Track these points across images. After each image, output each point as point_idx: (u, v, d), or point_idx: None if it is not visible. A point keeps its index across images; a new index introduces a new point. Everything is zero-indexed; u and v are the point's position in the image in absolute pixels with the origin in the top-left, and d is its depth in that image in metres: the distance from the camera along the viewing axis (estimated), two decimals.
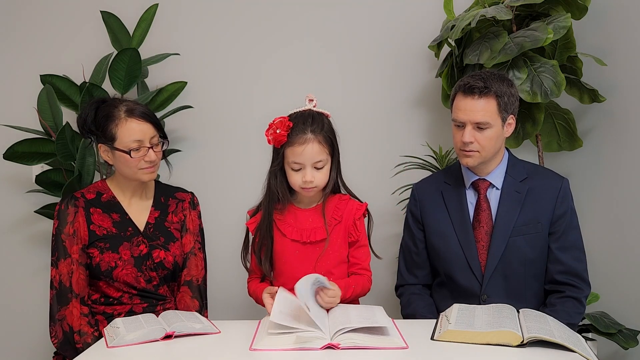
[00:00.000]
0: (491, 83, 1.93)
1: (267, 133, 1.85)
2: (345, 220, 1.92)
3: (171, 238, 2.04)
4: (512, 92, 1.98)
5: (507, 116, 1.97)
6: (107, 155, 1.97)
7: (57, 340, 1.92)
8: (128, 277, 1.94)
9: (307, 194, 1.89)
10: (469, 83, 1.94)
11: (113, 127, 1.92)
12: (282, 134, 1.82)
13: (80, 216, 1.96)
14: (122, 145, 1.92)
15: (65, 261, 1.93)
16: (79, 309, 1.91)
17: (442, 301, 2.05)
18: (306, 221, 1.91)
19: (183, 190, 2.15)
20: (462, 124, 1.96)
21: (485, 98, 1.93)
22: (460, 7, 2.51)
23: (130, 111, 1.93)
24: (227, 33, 2.82)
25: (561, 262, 1.99)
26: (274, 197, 1.90)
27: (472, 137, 1.94)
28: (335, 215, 1.91)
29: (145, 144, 1.93)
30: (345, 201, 1.94)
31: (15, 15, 2.84)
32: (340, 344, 1.53)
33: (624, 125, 2.48)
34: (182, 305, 2.03)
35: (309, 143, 1.81)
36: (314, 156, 1.82)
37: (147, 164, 1.95)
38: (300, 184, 1.85)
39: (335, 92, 2.76)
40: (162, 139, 2.00)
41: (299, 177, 1.85)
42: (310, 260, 1.89)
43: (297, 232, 1.90)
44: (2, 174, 2.84)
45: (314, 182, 1.84)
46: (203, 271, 2.09)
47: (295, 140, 1.82)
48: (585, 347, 1.56)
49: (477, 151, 1.96)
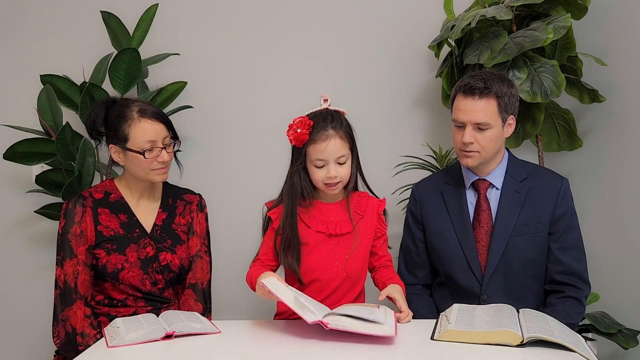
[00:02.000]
0: (491, 83, 1.93)
1: (287, 134, 1.85)
2: (368, 215, 1.96)
3: (178, 241, 2.02)
4: (513, 92, 1.98)
5: (507, 116, 1.97)
6: (118, 155, 1.95)
7: (59, 341, 1.91)
8: (134, 280, 1.93)
9: (331, 191, 1.89)
10: (469, 83, 1.94)
11: (126, 127, 1.90)
12: (303, 132, 1.82)
13: (88, 216, 1.94)
14: (135, 145, 1.90)
15: (70, 261, 1.91)
16: (82, 310, 1.90)
17: (442, 301, 2.06)
18: (330, 214, 1.93)
19: (191, 192, 2.13)
20: (462, 125, 1.96)
21: (485, 98, 1.93)
22: (460, 7, 2.51)
23: (143, 111, 1.92)
24: (227, 33, 2.82)
25: (561, 262, 1.99)
26: (298, 196, 1.91)
27: (473, 137, 1.94)
28: (358, 210, 1.95)
29: (158, 145, 1.92)
30: (366, 197, 1.99)
31: (15, 15, 2.84)
32: (329, 323, 1.59)
33: (624, 125, 2.48)
34: (185, 307, 2.02)
35: (331, 139, 1.83)
36: (337, 151, 1.84)
37: (160, 164, 1.94)
38: (324, 180, 1.86)
39: (335, 92, 2.73)
40: (173, 139, 1.99)
41: (322, 174, 1.86)
42: (337, 254, 1.90)
43: (322, 224, 1.92)
44: (2, 174, 2.84)
45: (338, 177, 1.86)
46: (208, 274, 2.08)
47: (317, 138, 1.83)
48: (585, 347, 1.56)
49: (477, 151, 1.96)
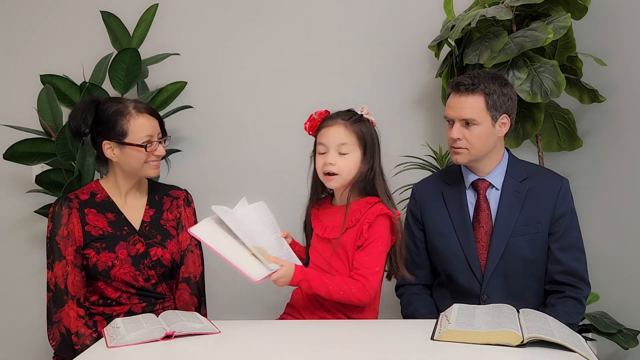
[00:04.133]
0: (480, 81, 1.95)
1: (305, 123, 1.88)
2: (360, 224, 1.84)
3: (167, 235, 2.04)
4: (505, 91, 1.97)
5: (499, 115, 1.96)
6: (112, 152, 1.96)
7: (55, 343, 1.92)
8: (126, 276, 1.94)
9: (328, 183, 1.87)
10: (458, 81, 1.97)
11: (124, 122, 1.93)
12: (317, 120, 1.85)
13: (75, 217, 1.95)
14: (135, 139, 1.93)
15: (60, 263, 1.93)
16: (75, 310, 1.91)
17: (442, 301, 2.05)
18: (330, 217, 1.92)
19: (177, 188, 2.16)
20: (452, 121, 1.98)
21: (472, 95, 1.94)
22: (460, 7, 2.51)
23: (138, 107, 1.97)
24: (228, 33, 2.82)
25: (561, 262, 1.99)
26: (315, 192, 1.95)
27: (460, 133, 1.95)
28: (353, 218, 1.85)
29: (155, 139, 1.97)
30: (370, 205, 1.85)
31: (15, 15, 2.84)
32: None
33: (624, 125, 2.48)
34: (181, 302, 2.04)
35: (335, 125, 1.83)
36: (338, 138, 1.82)
37: (156, 157, 1.98)
38: (322, 168, 1.85)
39: (335, 92, 2.76)
40: (164, 136, 2.04)
41: (322, 161, 1.85)
42: (324, 257, 1.90)
43: (319, 226, 1.93)
44: (2, 174, 2.84)
45: (335, 167, 1.82)
46: (200, 267, 2.10)
47: (324, 124, 1.85)
48: (585, 347, 1.56)
49: (465, 148, 1.97)
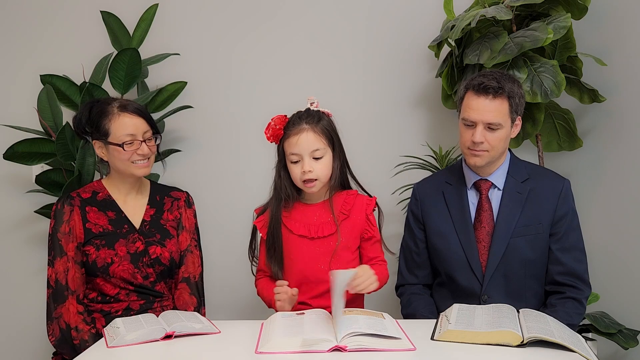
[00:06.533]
0: (505, 83, 1.92)
1: (266, 131, 1.86)
2: (354, 215, 1.90)
3: (167, 235, 2.06)
4: (522, 93, 1.98)
5: (516, 117, 1.97)
6: (101, 151, 2.01)
7: (55, 338, 1.93)
8: (124, 273, 1.96)
9: (309, 189, 1.86)
10: (483, 82, 1.92)
11: (107, 122, 1.97)
12: (279, 128, 1.84)
13: (76, 214, 1.98)
14: (116, 139, 1.96)
15: (61, 259, 1.95)
16: (75, 306, 1.93)
17: (442, 301, 2.05)
18: (313, 216, 1.90)
19: (178, 190, 2.17)
20: (473, 124, 1.94)
21: (499, 99, 1.91)
22: (460, 7, 2.51)
23: (123, 107, 1.99)
24: (227, 33, 2.82)
25: (562, 263, 1.99)
26: (280, 196, 1.90)
27: (483, 137, 1.93)
28: (343, 210, 1.89)
29: (138, 138, 1.98)
30: (354, 196, 1.92)
31: (15, 15, 2.84)
32: (347, 346, 1.50)
33: (624, 125, 2.48)
34: (180, 301, 2.05)
35: (304, 132, 1.82)
36: (310, 144, 1.82)
37: (140, 157, 1.99)
38: (301, 177, 1.84)
39: (335, 92, 2.76)
40: (155, 135, 2.03)
41: (299, 170, 1.84)
42: (321, 256, 1.87)
43: (304, 227, 1.89)
44: (2, 174, 2.84)
45: (313, 173, 1.83)
46: (200, 268, 2.11)
47: (290, 132, 1.84)
48: (585, 347, 1.56)
49: (486, 151, 1.95)
